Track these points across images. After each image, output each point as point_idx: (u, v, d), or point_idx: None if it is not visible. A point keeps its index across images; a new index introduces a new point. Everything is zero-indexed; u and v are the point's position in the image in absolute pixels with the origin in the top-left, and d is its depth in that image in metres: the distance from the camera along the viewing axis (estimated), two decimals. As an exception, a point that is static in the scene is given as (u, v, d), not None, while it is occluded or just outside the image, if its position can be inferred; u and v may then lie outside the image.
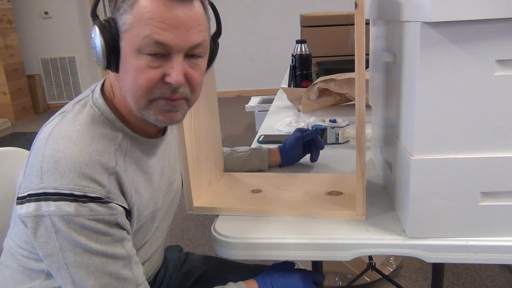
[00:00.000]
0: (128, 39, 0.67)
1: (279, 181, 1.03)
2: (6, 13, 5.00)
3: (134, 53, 0.67)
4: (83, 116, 0.73)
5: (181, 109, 0.73)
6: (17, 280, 0.78)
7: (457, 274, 1.87)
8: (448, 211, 0.74)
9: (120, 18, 0.68)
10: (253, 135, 1.41)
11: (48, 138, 0.69)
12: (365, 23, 0.75)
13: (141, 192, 0.76)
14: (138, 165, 0.77)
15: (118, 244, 0.69)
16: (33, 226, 0.66)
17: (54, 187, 0.65)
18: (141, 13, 0.65)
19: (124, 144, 0.74)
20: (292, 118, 1.52)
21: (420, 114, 0.70)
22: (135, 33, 0.66)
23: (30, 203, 0.66)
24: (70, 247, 0.65)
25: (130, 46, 0.67)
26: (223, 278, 0.85)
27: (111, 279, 0.68)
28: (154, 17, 0.65)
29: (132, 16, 0.66)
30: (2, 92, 4.95)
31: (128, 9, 0.66)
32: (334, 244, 0.78)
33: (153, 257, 0.91)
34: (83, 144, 0.68)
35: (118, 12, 0.68)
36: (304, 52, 1.87)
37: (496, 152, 0.70)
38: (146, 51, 0.66)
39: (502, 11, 0.63)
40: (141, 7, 0.65)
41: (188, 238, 2.29)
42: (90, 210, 0.65)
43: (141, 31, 0.66)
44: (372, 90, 1.11)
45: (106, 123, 0.74)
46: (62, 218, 0.64)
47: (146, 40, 0.65)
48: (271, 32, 5.47)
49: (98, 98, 0.75)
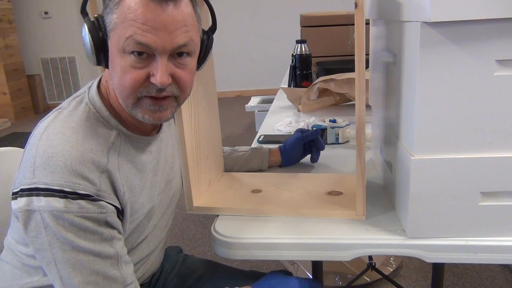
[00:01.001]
0: (113, 39, 0.67)
1: (279, 181, 1.03)
2: (6, 13, 5.00)
3: (119, 53, 0.67)
4: (78, 113, 0.73)
5: (170, 107, 0.73)
6: (16, 276, 0.78)
7: (457, 274, 1.87)
8: (448, 211, 0.74)
9: (107, 17, 0.68)
10: (253, 135, 1.41)
11: (42, 134, 0.70)
12: (365, 23, 0.75)
13: (135, 190, 0.76)
14: (132, 163, 0.77)
15: (107, 243, 0.69)
16: (24, 221, 0.66)
17: (45, 183, 0.65)
18: (125, 13, 0.65)
19: (117, 142, 0.74)
20: (292, 118, 1.52)
21: (420, 114, 0.70)
22: (119, 32, 0.66)
23: (22, 198, 0.66)
24: (58, 243, 0.66)
25: (115, 45, 0.67)
26: (219, 284, 0.85)
27: (98, 278, 0.68)
28: (136, 18, 0.64)
29: (117, 15, 0.66)
30: (2, 92, 4.95)
31: (113, 8, 0.67)
32: (334, 244, 0.78)
33: (152, 256, 0.91)
34: (76, 141, 0.68)
35: (105, 10, 0.68)
36: (304, 52, 1.87)
37: (496, 152, 0.70)
38: (129, 51, 0.66)
39: (502, 11, 0.63)
40: (125, 7, 0.65)
41: (188, 238, 2.29)
42: (79, 207, 0.66)
43: (124, 31, 0.65)
44: (372, 90, 1.11)
45: (100, 121, 0.74)
46: (51, 213, 0.65)
47: (128, 41, 0.65)
48: (271, 32, 5.47)
49: (94, 95, 0.75)
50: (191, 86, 0.74)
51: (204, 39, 0.77)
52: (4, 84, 4.91)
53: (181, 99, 0.74)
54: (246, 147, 1.14)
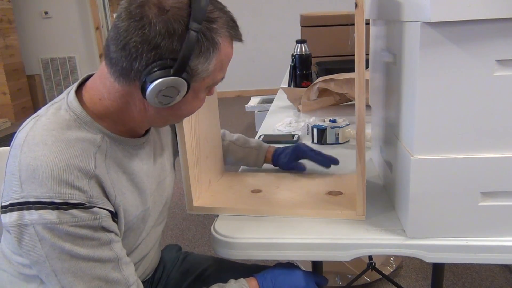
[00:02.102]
0: (205, 81, 0.72)
1: (279, 181, 1.03)
2: (6, 13, 5.00)
3: (204, 89, 0.74)
4: (57, 120, 0.70)
5: None
6: (14, 283, 0.77)
7: (457, 274, 1.87)
8: (448, 211, 0.74)
9: (201, 66, 0.69)
10: (253, 135, 1.41)
11: (23, 145, 0.67)
12: (365, 23, 0.75)
13: (125, 193, 0.75)
14: (119, 166, 0.75)
15: (105, 247, 0.68)
16: (17, 236, 0.65)
17: (34, 196, 0.63)
18: (223, 61, 0.72)
19: (103, 145, 0.72)
20: (292, 118, 1.52)
21: (420, 114, 0.70)
22: (214, 76, 0.73)
23: (12, 212, 0.64)
24: (56, 254, 0.64)
25: (205, 85, 0.73)
26: (222, 278, 0.85)
27: (100, 283, 0.67)
28: (229, 60, 0.74)
29: (214, 64, 0.70)
30: (2, 92, 4.95)
31: (211, 57, 0.69)
32: (334, 244, 0.78)
33: (149, 255, 0.91)
34: (59, 149, 0.66)
35: (199, 60, 0.68)
36: (304, 52, 1.87)
37: (496, 152, 0.70)
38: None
39: (502, 11, 0.63)
40: (223, 55, 0.71)
41: (188, 238, 2.29)
42: (72, 216, 0.64)
43: (220, 74, 0.74)
44: (372, 90, 1.11)
45: (82, 126, 0.71)
46: (45, 226, 0.63)
47: (219, 80, 0.75)
48: (271, 32, 5.47)
49: (72, 101, 0.72)
50: None
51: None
52: (4, 84, 4.91)
53: None
54: (244, 140, 1.14)
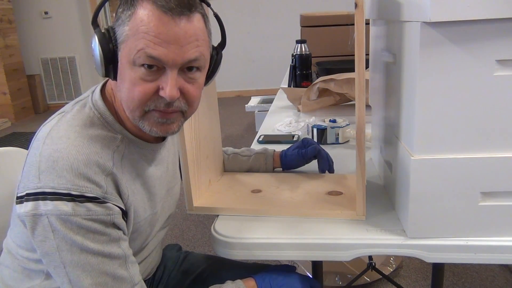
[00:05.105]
0: (124, 51, 0.67)
1: (279, 181, 1.03)
2: (6, 13, 5.00)
3: (129, 65, 0.67)
4: (81, 117, 0.73)
5: (177, 121, 0.73)
6: (16, 280, 0.78)
7: (457, 274, 1.87)
8: (448, 211, 0.74)
9: (118, 29, 0.68)
10: (253, 135, 1.41)
11: (46, 138, 0.69)
12: (365, 23, 0.75)
13: (136, 195, 0.76)
14: (134, 168, 0.77)
15: (115, 243, 0.69)
16: (31, 225, 0.66)
17: (51, 187, 0.65)
18: (137, 25, 0.65)
19: (122, 146, 0.74)
20: (292, 118, 1.52)
21: (420, 114, 0.70)
22: (130, 45, 0.66)
23: (28, 202, 0.66)
24: (67, 246, 0.66)
25: (126, 57, 0.67)
26: (222, 277, 0.85)
27: (107, 279, 0.68)
28: (149, 31, 0.64)
29: (129, 27, 0.66)
30: (2, 92, 4.95)
31: (126, 20, 0.66)
32: (334, 244, 0.78)
33: (151, 255, 0.92)
34: (81, 144, 0.68)
35: (117, 22, 0.68)
36: (304, 52, 1.87)
37: (496, 152, 0.70)
38: (139, 64, 0.66)
39: (502, 11, 0.63)
40: (138, 19, 0.65)
41: (188, 238, 2.29)
42: (87, 209, 0.66)
43: (136, 44, 0.65)
44: (372, 90, 1.11)
45: (104, 125, 0.74)
46: (59, 217, 0.65)
47: (139, 53, 0.65)
48: (271, 32, 5.47)
49: (97, 100, 0.75)
50: (198, 101, 0.74)
51: (213, 55, 0.77)
52: (4, 84, 4.91)
53: (188, 113, 0.74)
54: (249, 150, 1.13)
